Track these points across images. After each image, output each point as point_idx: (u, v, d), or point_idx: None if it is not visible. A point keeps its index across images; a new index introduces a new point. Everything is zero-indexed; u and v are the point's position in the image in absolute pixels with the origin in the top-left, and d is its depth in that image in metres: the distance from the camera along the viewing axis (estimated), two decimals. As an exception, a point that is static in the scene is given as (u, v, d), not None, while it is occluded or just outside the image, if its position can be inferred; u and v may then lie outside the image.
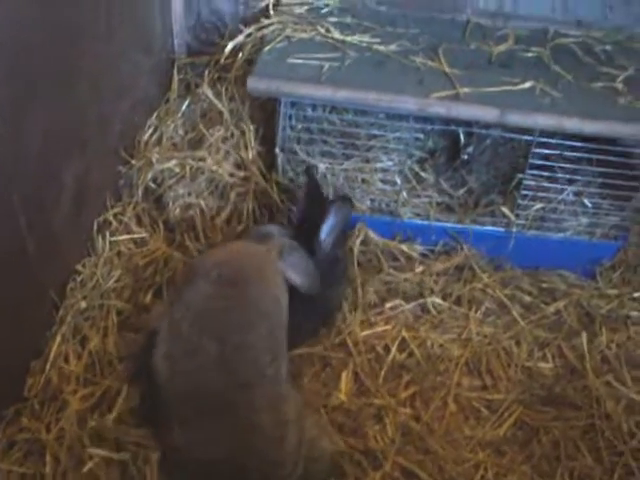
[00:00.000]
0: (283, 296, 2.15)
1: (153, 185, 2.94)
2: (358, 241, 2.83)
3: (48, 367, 2.32)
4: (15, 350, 2.25)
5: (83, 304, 2.50)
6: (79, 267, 2.62)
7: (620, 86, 2.82)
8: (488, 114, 2.60)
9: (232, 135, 3.07)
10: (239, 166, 3.00)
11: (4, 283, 2.13)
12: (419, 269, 2.84)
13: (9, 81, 2.02)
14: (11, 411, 2.20)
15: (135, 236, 2.81)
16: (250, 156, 2.99)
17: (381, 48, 2.93)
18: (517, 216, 2.85)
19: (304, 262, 2.29)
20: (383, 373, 2.49)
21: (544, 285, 2.89)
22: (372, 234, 2.87)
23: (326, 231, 2.42)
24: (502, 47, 3.01)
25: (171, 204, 2.88)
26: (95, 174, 2.73)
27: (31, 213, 2.22)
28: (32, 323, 2.37)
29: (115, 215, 2.86)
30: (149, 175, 2.93)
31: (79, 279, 2.59)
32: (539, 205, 2.87)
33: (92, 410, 2.25)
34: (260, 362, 1.96)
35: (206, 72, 3.33)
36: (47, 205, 2.38)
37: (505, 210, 2.86)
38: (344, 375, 2.45)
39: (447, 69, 2.80)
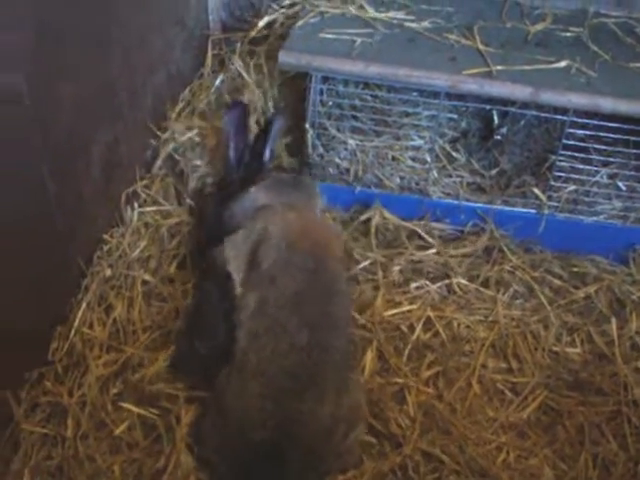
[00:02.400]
0: None
1: (177, 157, 2.95)
2: (374, 222, 2.82)
3: (72, 333, 2.35)
4: (41, 315, 2.28)
5: (109, 272, 2.52)
6: (106, 237, 2.63)
7: (660, 67, 2.75)
8: (521, 92, 2.56)
9: (255, 109, 3.07)
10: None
11: (33, 250, 2.15)
12: (446, 249, 2.80)
13: (39, 52, 2.02)
14: (35, 374, 2.23)
15: (161, 208, 2.82)
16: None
17: (414, 25, 2.91)
18: (549, 198, 2.81)
19: None
20: (407, 352, 2.46)
21: (574, 269, 2.84)
22: (388, 214, 2.85)
23: (271, 141, 2.64)
24: (539, 26, 2.97)
25: (190, 175, 2.90)
26: (125, 146, 2.73)
27: (60, 183, 2.23)
28: (58, 289, 2.39)
29: (145, 187, 2.87)
30: (170, 146, 2.94)
31: (106, 248, 2.60)
32: (572, 187, 2.82)
33: (115, 376, 2.27)
34: (340, 329, 2.13)
35: (238, 45, 3.32)
36: (77, 175, 2.39)
37: (537, 192, 2.82)
38: (368, 354, 2.43)
39: (481, 47, 2.77)
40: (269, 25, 3.28)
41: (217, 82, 3.25)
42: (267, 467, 1.93)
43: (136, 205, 2.77)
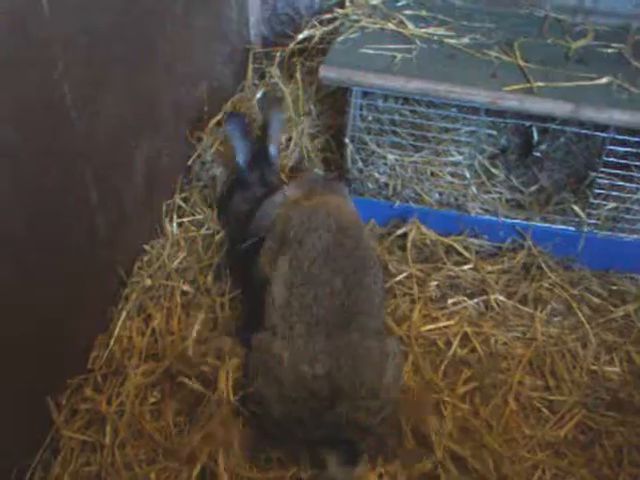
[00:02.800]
0: None
1: (208, 168, 3.00)
2: (411, 236, 2.83)
3: (112, 342, 2.38)
4: (82, 323, 2.31)
5: (149, 282, 2.55)
6: (147, 247, 2.67)
7: None
8: (561, 108, 2.55)
9: (289, 120, 3.14)
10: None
11: (75, 259, 2.19)
12: (483, 265, 2.80)
13: (86, 64, 2.08)
14: (75, 381, 2.26)
15: (196, 218, 2.87)
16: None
17: (454, 41, 2.91)
18: (589, 215, 2.79)
19: None
20: (443, 367, 2.45)
21: (614, 287, 2.82)
22: (425, 229, 2.86)
23: (272, 135, 2.80)
24: (580, 43, 2.95)
25: (218, 185, 2.96)
26: (166, 157, 2.78)
27: (103, 190, 2.28)
28: (99, 298, 2.43)
29: (184, 199, 2.91)
30: (205, 158, 2.99)
31: (146, 259, 2.65)
32: (612, 205, 2.80)
33: (153, 386, 2.29)
34: (372, 299, 2.25)
35: (277, 56, 3.36)
36: (119, 184, 2.44)
37: (577, 209, 2.81)
38: (405, 367, 2.43)
39: (522, 63, 2.76)
40: (309, 40, 3.31)
41: (257, 95, 3.29)
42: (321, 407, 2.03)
43: (175, 216, 2.81)
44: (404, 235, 2.87)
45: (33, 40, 1.81)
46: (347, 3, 3.21)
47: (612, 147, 2.64)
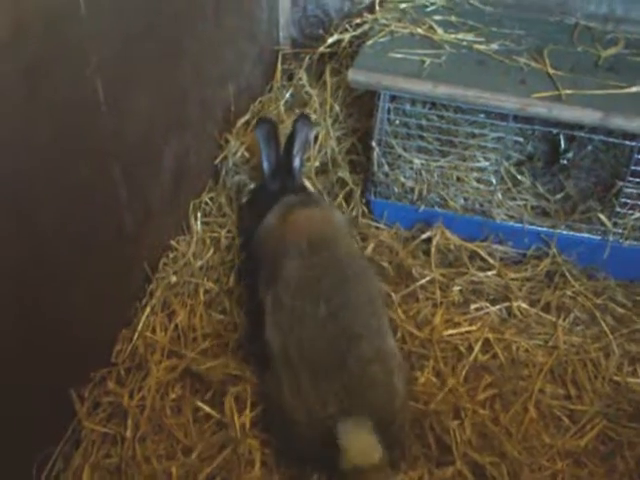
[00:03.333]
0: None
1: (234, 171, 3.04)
2: (435, 241, 2.83)
3: (136, 336, 2.41)
4: (106, 317, 2.34)
5: (174, 279, 2.57)
6: (173, 243, 2.70)
7: None
8: (590, 116, 2.53)
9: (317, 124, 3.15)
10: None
11: (102, 252, 2.22)
12: (507, 272, 2.79)
13: (118, 62, 2.10)
14: (99, 374, 2.28)
15: (220, 220, 2.90)
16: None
17: (484, 47, 2.90)
18: (615, 224, 2.77)
19: None
20: (464, 373, 2.45)
21: (638, 298, 2.78)
22: (450, 234, 2.86)
23: (297, 148, 2.76)
24: (611, 51, 2.93)
25: (241, 189, 3.00)
26: (194, 157, 2.81)
27: (131, 187, 2.30)
28: (124, 293, 2.46)
29: (211, 198, 2.94)
30: (230, 160, 3.02)
31: (172, 255, 2.68)
32: (638, 214, 2.77)
33: (175, 381, 2.32)
34: (362, 315, 2.15)
35: (306, 59, 3.40)
36: (147, 181, 2.47)
37: (603, 218, 2.78)
38: (425, 371, 2.43)
39: (551, 70, 2.75)
40: (338, 43, 3.33)
41: (286, 96, 3.32)
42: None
43: (199, 215, 2.83)
44: (428, 240, 2.87)
45: (68, 37, 1.83)
46: (377, 7, 3.22)
47: (640, 156, 2.62)
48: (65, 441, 2.13)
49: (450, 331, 2.58)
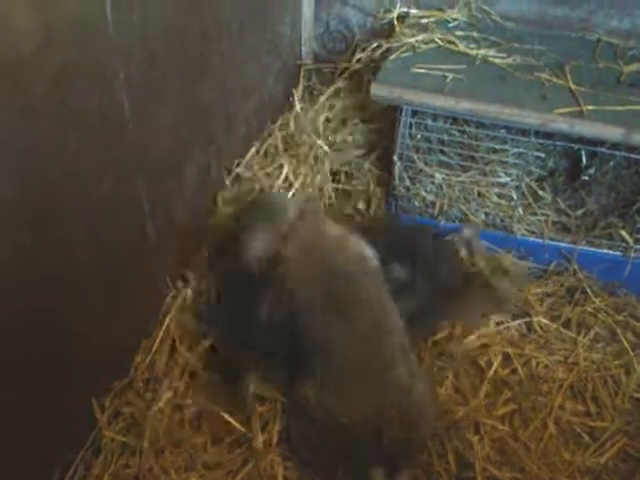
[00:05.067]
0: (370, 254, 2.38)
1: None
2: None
3: (155, 348, 2.41)
4: (128, 327, 2.36)
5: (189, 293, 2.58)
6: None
7: None
8: (612, 133, 2.54)
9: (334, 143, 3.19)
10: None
11: (124, 263, 2.24)
12: (528, 287, 2.79)
13: (142, 79, 2.13)
14: (119, 384, 2.30)
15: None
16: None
17: (505, 62, 2.92)
18: (636, 241, 2.76)
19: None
20: (484, 388, 2.44)
21: (659, 315, 2.77)
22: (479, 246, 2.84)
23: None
24: (633, 67, 2.94)
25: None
26: (216, 171, 2.84)
27: (154, 199, 2.33)
28: (146, 303, 2.47)
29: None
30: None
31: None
32: (660, 231, 2.76)
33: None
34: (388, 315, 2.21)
35: (328, 76, 3.43)
36: (170, 194, 2.48)
37: (624, 234, 2.78)
38: (444, 385, 2.43)
39: (572, 86, 2.76)
40: (360, 58, 3.37)
41: (308, 113, 3.34)
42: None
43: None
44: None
45: (96, 51, 1.87)
46: (399, 24, 3.25)
47: (662, 173, 2.62)
48: (86, 449, 2.15)
49: (470, 345, 2.57)
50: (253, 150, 3.12)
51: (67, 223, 1.88)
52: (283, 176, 3.03)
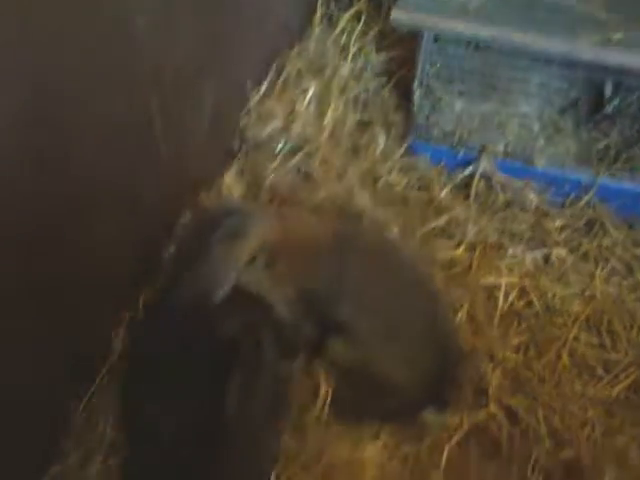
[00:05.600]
0: None
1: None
2: (475, 182, 2.79)
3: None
4: (135, 254, 2.34)
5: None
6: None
7: None
8: (638, 61, 2.47)
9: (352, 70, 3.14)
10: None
11: (136, 187, 2.23)
12: (546, 219, 2.76)
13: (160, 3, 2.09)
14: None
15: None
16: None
17: (533, -13, 2.83)
18: (659, 174, 2.72)
19: None
20: (497, 319, 2.45)
21: (677, 249, 2.74)
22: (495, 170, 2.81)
23: None
24: (665, -4, 2.84)
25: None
26: (234, 95, 2.81)
27: (167, 120, 2.28)
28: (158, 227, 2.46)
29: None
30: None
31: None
32: (684, 164, 2.71)
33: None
34: None
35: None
36: (184, 118, 2.45)
37: (646, 167, 2.74)
38: (459, 315, 2.43)
39: (600, 14, 2.67)
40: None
41: (326, 40, 3.28)
42: None
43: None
44: (471, 177, 2.83)
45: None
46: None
47: (689, 105, 2.56)
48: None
49: (485, 275, 2.56)
50: (272, 75, 3.06)
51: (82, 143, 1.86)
52: (307, 100, 2.97)
